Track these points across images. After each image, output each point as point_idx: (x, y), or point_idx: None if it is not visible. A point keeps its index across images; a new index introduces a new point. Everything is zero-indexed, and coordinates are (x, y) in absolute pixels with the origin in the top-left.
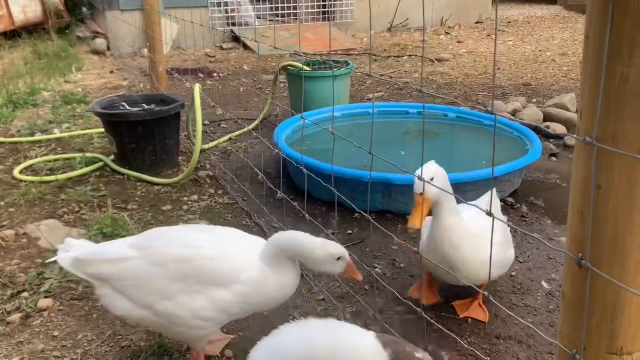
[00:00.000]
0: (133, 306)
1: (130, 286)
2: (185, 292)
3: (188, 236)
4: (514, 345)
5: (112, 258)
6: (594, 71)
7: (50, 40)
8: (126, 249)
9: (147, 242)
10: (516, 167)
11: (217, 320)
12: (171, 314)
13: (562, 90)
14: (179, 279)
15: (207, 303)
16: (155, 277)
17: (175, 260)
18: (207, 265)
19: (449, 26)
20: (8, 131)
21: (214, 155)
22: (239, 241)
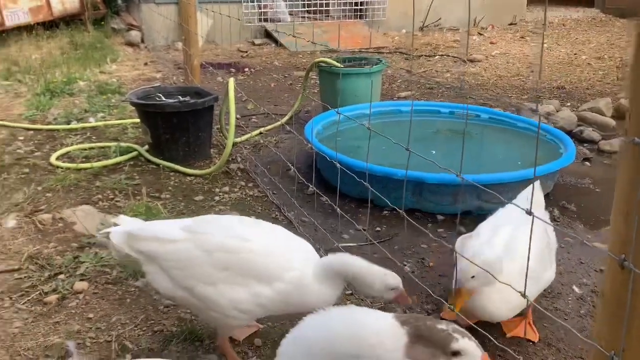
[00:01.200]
0: (175, 286)
1: (175, 267)
2: (227, 281)
3: (238, 228)
4: (543, 349)
5: (163, 237)
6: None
7: (87, 32)
8: (177, 231)
9: (198, 227)
10: (550, 170)
11: (253, 313)
12: (210, 300)
13: (597, 94)
14: (223, 268)
15: (248, 296)
16: (200, 262)
17: (221, 249)
18: (253, 259)
19: (482, 27)
20: (45, 119)
21: (245, 149)
22: (286, 240)
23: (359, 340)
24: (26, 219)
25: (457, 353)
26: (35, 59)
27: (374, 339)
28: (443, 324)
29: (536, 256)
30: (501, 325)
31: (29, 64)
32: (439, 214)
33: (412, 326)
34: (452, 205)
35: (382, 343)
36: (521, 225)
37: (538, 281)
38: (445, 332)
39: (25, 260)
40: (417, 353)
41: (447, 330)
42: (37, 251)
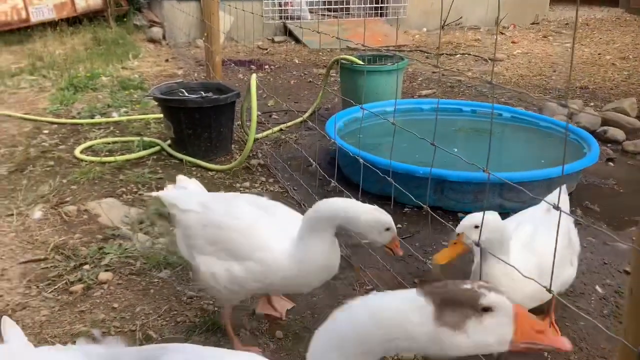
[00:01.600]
0: (187, 252)
1: (185, 235)
2: (213, 254)
3: (237, 206)
4: None
5: (181, 207)
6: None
7: (109, 28)
8: (194, 203)
9: (208, 202)
10: (571, 170)
11: (231, 289)
12: (198, 267)
13: (621, 94)
14: (212, 242)
15: (222, 270)
16: (198, 234)
17: (213, 225)
18: (232, 237)
19: (503, 26)
20: (69, 113)
21: (266, 145)
22: (279, 221)
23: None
24: (52, 211)
25: (488, 308)
26: (59, 54)
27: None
28: (467, 283)
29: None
30: None
31: (53, 59)
32: (460, 212)
33: (436, 293)
34: (474, 204)
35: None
36: (542, 224)
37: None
38: (471, 291)
39: (52, 251)
40: (447, 318)
41: (473, 287)
42: (62, 242)
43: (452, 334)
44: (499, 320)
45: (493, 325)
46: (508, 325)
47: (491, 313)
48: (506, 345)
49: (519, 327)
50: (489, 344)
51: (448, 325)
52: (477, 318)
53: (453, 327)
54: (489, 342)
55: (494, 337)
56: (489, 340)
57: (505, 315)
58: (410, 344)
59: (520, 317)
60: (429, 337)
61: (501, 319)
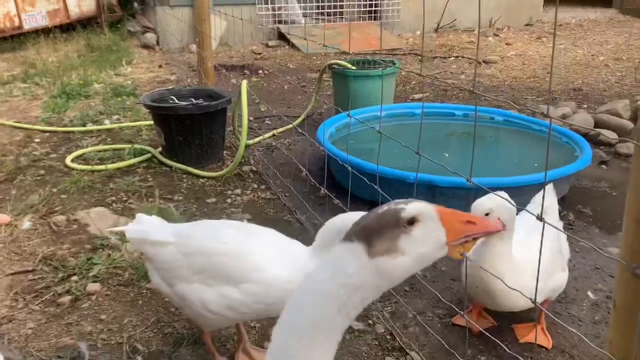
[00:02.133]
0: (163, 283)
1: (161, 268)
2: (201, 282)
3: (221, 231)
4: (556, 355)
5: (154, 240)
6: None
7: (103, 34)
8: (168, 235)
9: (184, 231)
10: (564, 173)
11: (225, 315)
12: (185, 296)
13: (615, 96)
14: (198, 271)
15: (215, 297)
16: (180, 265)
17: (198, 253)
18: (223, 261)
19: (497, 28)
20: (61, 121)
21: (258, 151)
22: (269, 242)
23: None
24: (41, 221)
25: (412, 220)
26: (52, 61)
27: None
28: (382, 207)
29: (546, 259)
30: (514, 331)
31: (46, 66)
32: None
33: (359, 230)
34: (465, 209)
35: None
36: (535, 230)
37: (546, 282)
38: (390, 210)
39: (40, 262)
40: (379, 247)
41: (389, 207)
42: (51, 252)
43: (390, 259)
44: (427, 227)
45: (423, 234)
46: (438, 228)
47: (417, 224)
48: (444, 247)
49: (448, 226)
50: (428, 252)
51: (382, 253)
52: (406, 234)
53: (388, 252)
54: (427, 251)
55: (429, 244)
56: (426, 249)
57: (431, 220)
58: (364, 294)
59: (445, 216)
60: (373, 275)
61: (429, 225)
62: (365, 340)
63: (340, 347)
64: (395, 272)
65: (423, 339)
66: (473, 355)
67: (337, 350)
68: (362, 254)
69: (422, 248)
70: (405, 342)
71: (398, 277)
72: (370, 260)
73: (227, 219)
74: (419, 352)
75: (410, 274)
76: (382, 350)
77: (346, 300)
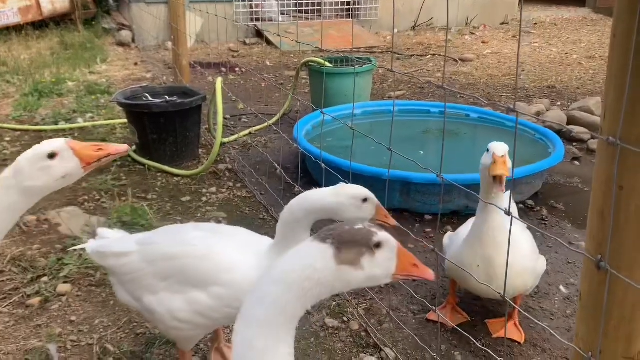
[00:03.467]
0: (129, 298)
1: (126, 281)
2: (168, 290)
3: (187, 234)
4: (528, 349)
5: (116, 252)
6: (620, 70)
7: (77, 32)
8: (130, 244)
9: (149, 238)
10: (536, 170)
11: (196, 323)
12: (153, 310)
13: (587, 93)
14: (164, 278)
15: (184, 304)
16: (145, 273)
17: (163, 258)
18: (189, 264)
19: (474, 26)
20: (33, 119)
21: (234, 149)
22: (238, 241)
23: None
24: None
25: (379, 244)
26: (24, 59)
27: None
28: (359, 224)
29: (530, 247)
30: (487, 326)
31: (17, 64)
32: (426, 214)
33: (334, 237)
34: (440, 205)
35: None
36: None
37: (534, 271)
38: (365, 230)
39: (8, 263)
40: (345, 257)
41: (366, 228)
42: (20, 253)
43: (350, 270)
44: (387, 256)
45: (382, 259)
46: (393, 259)
47: (381, 250)
48: (389, 277)
49: (400, 261)
50: (378, 276)
51: (347, 262)
52: (370, 255)
53: (351, 263)
54: (377, 274)
55: (382, 270)
56: (378, 272)
57: (391, 251)
58: (321, 290)
59: (401, 252)
60: (334, 277)
61: (388, 254)
62: (340, 338)
63: (315, 345)
64: (351, 280)
65: (397, 335)
66: (447, 350)
67: (312, 348)
68: (330, 257)
69: (377, 270)
70: (379, 339)
71: (350, 286)
72: (336, 265)
73: (202, 217)
74: (392, 349)
75: (358, 286)
76: (357, 347)
77: (307, 292)
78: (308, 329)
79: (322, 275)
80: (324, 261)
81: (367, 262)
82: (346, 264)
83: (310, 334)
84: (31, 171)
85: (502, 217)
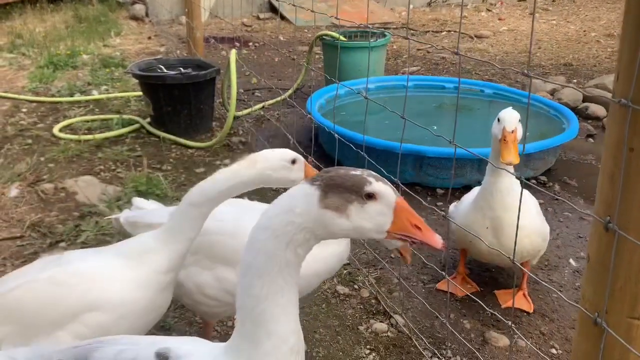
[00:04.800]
0: None
1: None
2: (197, 264)
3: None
4: (537, 319)
5: (148, 223)
6: (634, 31)
7: (91, 5)
8: (162, 216)
9: None
10: (549, 145)
11: (224, 301)
12: (180, 282)
13: (604, 71)
14: (193, 252)
15: (212, 281)
16: None
17: None
18: (217, 240)
19: (490, 3)
20: (49, 91)
21: (247, 123)
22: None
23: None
24: (29, 189)
25: (372, 196)
26: (39, 32)
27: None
28: (357, 170)
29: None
30: (496, 297)
31: (32, 37)
32: (439, 188)
33: (323, 179)
34: (452, 179)
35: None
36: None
37: (541, 232)
38: (358, 176)
39: (28, 228)
40: (330, 201)
41: (361, 174)
42: (39, 219)
43: (334, 216)
44: (380, 209)
45: (373, 212)
46: (388, 215)
47: (374, 201)
48: (383, 233)
49: (397, 219)
50: (366, 229)
51: (331, 208)
52: (359, 204)
53: (336, 210)
54: (367, 227)
55: (372, 223)
56: (367, 225)
57: (387, 206)
58: (305, 235)
59: (400, 209)
60: (315, 222)
61: (382, 208)
62: (351, 304)
63: (326, 310)
64: (332, 228)
65: (407, 304)
66: (455, 318)
67: (323, 314)
68: (315, 199)
69: (366, 223)
70: (389, 306)
71: (333, 233)
72: (319, 209)
73: None
74: (402, 316)
75: (344, 236)
76: (367, 313)
77: (292, 237)
78: (320, 295)
79: (303, 220)
80: (306, 204)
81: (354, 211)
82: (331, 209)
83: (321, 300)
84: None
85: (510, 180)
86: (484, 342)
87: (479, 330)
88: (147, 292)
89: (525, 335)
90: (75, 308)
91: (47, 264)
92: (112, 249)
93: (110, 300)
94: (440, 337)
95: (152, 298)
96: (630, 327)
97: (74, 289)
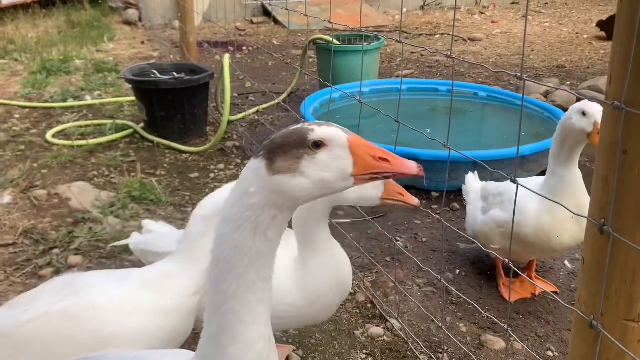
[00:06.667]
0: None
1: None
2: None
3: None
4: (532, 321)
5: (158, 252)
6: (626, 33)
7: (84, 10)
8: (171, 244)
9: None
10: (543, 147)
11: None
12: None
13: (597, 73)
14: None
15: None
16: None
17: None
18: None
19: (484, 6)
20: (42, 97)
21: (242, 127)
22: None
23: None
24: (21, 195)
25: (320, 144)
26: (31, 37)
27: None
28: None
29: None
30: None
31: (25, 42)
32: (433, 191)
33: (265, 146)
34: (446, 182)
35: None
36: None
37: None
38: (298, 129)
39: (20, 235)
40: (279, 165)
41: (301, 126)
42: (32, 226)
43: (289, 178)
44: (334, 154)
45: (328, 160)
46: (345, 157)
47: (324, 148)
48: (349, 179)
49: (357, 158)
50: (330, 180)
51: (282, 171)
52: (309, 156)
53: (288, 171)
54: (328, 178)
55: (332, 172)
56: (328, 176)
57: (340, 148)
58: (270, 213)
59: (356, 147)
60: (273, 193)
61: (336, 152)
62: (346, 309)
63: None
64: (292, 191)
65: (403, 307)
66: (452, 322)
67: None
68: (263, 170)
69: (324, 174)
70: (385, 310)
71: (296, 198)
72: (270, 177)
73: (210, 193)
74: (398, 320)
75: (310, 197)
76: (363, 317)
77: (256, 221)
78: None
79: (260, 197)
80: (257, 179)
81: (307, 166)
82: (282, 172)
83: None
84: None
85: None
86: (480, 345)
87: (475, 333)
88: (171, 320)
89: (521, 338)
90: (88, 345)
91: (61, 289)
92: (132, 275)
93: (128, 335)
94: (437, 341)
95: (176, 326)
96: (626, 330)
97: (88, 323)
